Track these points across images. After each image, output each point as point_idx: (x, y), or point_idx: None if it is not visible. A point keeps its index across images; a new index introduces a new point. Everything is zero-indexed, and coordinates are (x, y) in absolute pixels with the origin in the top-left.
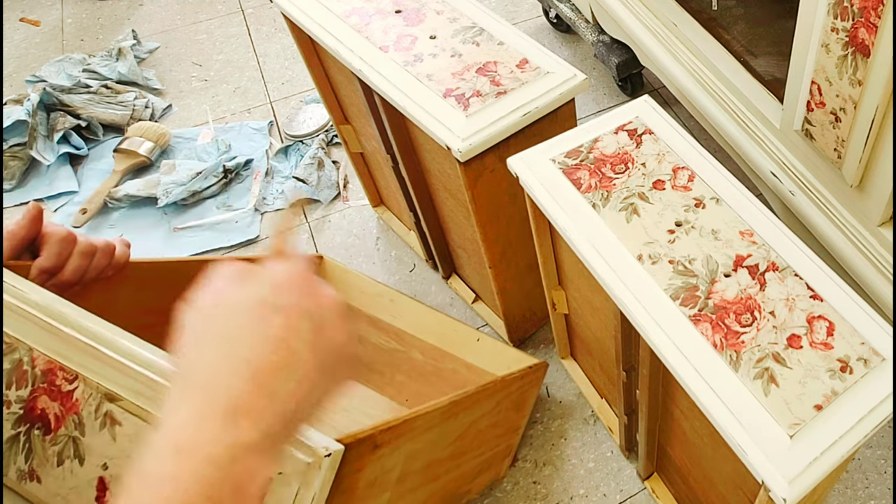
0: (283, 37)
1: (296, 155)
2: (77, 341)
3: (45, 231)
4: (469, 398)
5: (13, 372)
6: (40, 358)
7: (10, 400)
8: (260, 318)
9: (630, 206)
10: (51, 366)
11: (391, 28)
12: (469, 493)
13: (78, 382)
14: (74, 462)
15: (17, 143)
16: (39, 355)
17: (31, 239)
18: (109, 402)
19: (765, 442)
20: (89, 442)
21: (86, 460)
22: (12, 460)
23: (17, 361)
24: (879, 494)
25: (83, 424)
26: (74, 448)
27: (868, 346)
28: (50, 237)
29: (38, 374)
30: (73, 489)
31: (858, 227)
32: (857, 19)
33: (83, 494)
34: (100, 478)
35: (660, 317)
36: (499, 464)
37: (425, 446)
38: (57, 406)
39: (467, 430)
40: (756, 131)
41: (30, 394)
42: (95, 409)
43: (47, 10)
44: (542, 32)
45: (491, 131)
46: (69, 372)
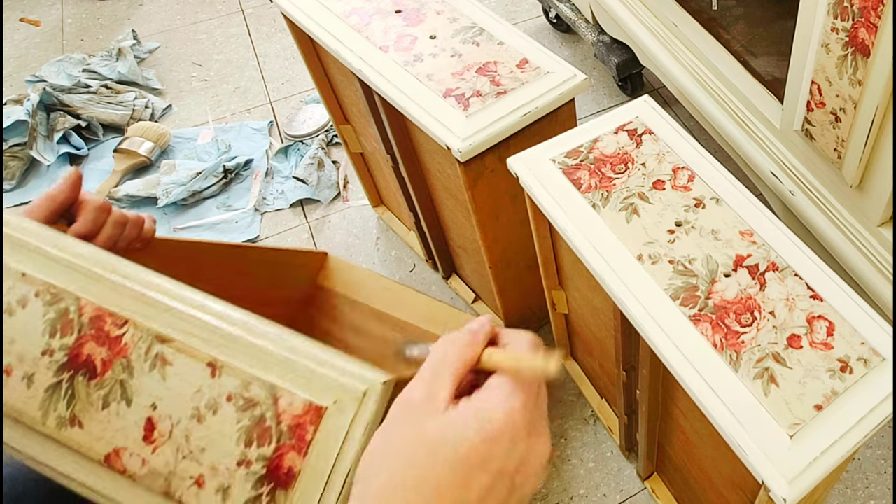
0: (283, 37)
1: (296, 155)
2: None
3: (82, 198)
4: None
5: (58, 321)
6: (88, 306)
7: (54, 349)
8: (463, 477)
9: (630, 206)
10: (99, 313)
11: (391, 28)
12: None
13: (127, 327)
14: (121, 404)
15: (17, 143)
16: (87, 304)
17: (70, 204)
18: (160, 343)
19: (765, 442)
20: (137, 383)
21: (133, 401)
22: (52, 408)
23: (62, 311)
24: (879, 494)
25: (131, 367)
26: (122, 391)
27: (868, 346)
28: (86, 204)
29: (85, 322)
30: (119, 430)
31: (858, 227)
32: (857, 19)
33: (129, 435)
34: (148, 418)
35: (660, 317)
36: None
37: None
38: (104, 351)
39: None
40: (756, 131)
41: (75, 341)
42: (145, 352)
43: (47, 10)
44: (542, 32)
45: (491, 131)
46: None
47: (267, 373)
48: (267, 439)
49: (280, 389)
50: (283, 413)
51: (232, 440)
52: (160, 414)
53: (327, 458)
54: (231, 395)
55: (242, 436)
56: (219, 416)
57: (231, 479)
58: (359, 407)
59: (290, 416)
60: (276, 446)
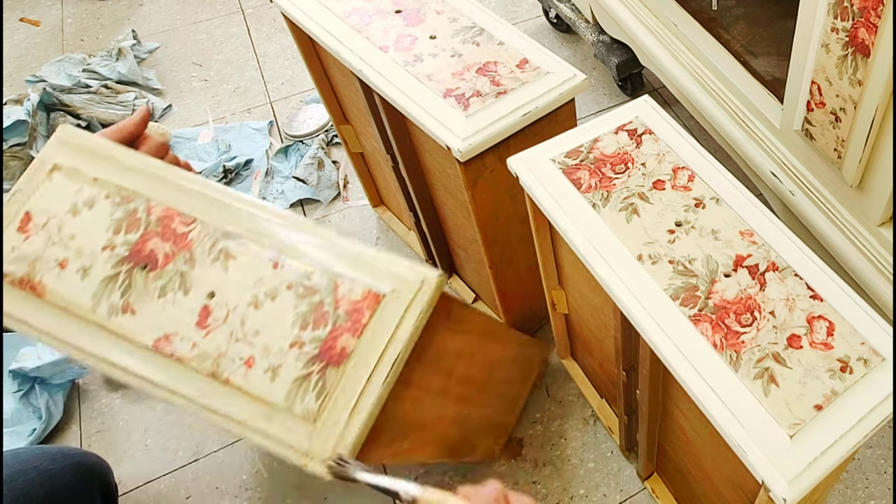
0: (283, 37)
1: (296, 155)
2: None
3: (147, 133)
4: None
5: (125, 220)
6: (157, 207)
7: (116, 244)
8: None
9: (630, 206)
10: (168, 213)
11: (391, 28)
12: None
13: (195, 225)
14: (178, 293)
15: (17, 143)
16: (157, 205)
17: (136, 136)
18: (226, 239)
19: (765, 442)
20: (198, 274)
21: (191, 291)
22: (105, 297)
23: (131, 210)
24: (879, 494)
25: (194, 260)
26: (181, 281)
27: (868, 346)
28: (149, 139)
29: (153, 221)
30: (172, 317)
31: (858, 227)
32: (857, 19)
33: (183, 321)
34: (204, 305)
35: (660, 317)
36: (495, 438)
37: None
38: (168, 245)
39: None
40: (756, 131)
41: (140, 237)
42: (210, 246)
43: (47, 10)
44: (542, 32)
45: (491, 131)
46: (187, 217)
47: (329, 264)
48: (323, 323)
49: (341, 278)
50: (341, 299)
51: (287, 324)
52: (217, 302)
53: (381, 339)
54: (291, 283)
55: (298, 320)
56: (277, 302)
57: (282, 359)
58: (415, 295)
59: (348, 302)
60: (331, 328)
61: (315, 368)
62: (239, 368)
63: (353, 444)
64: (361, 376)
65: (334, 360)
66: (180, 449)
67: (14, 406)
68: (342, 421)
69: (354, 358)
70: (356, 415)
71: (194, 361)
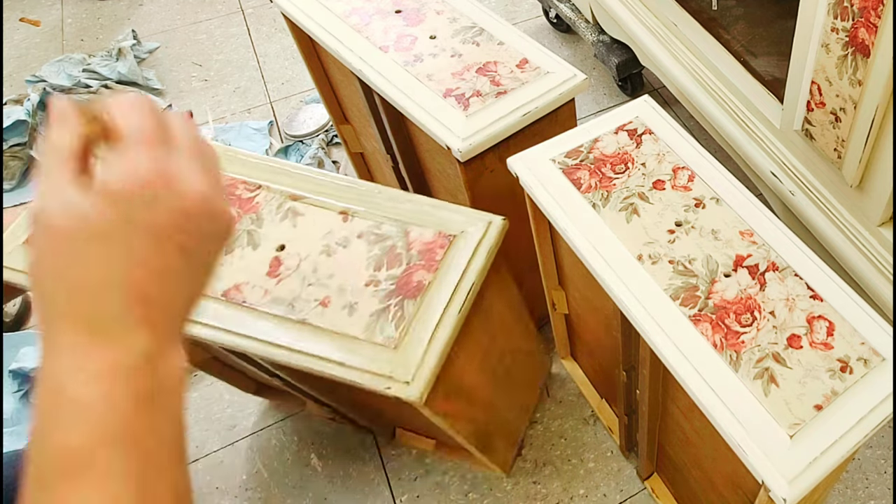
0: (283, 37)
1: (296, 155)
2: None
3: None
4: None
5: None
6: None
7: None
8: (122, 253)
9: (630, 206)
10: (232, 181)
11: (391, 28)
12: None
13: (259, 191)
14: (247, 249)
15: (17, 143)
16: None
17: None
18: (292, 200)
19: (765, 442)
20: (266, 231)
21: (260, 245)
22: None
23: None
24: (879, 494)
25: (261, 219)
26: (248, 238)
27: (868, 346)
28: None
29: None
30: (242, 269)
31: (858, 227)
32: (857, 19)
33: (253, 271)
34: (274, 257)
35: (660, 317)
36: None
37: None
38: (234, 210)
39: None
40: (756, 131)
41: None
42: (277, 207)
43: (47, 10)
44: (542, 32)
45: (491, 131)
46: (251, 184)
47: (398, 214)
48: (397, 263)
49: (411, 225)
50: (413, 242)
51: (361, 267)
52: (288, 253)
53: (456, 271)
54: (362, 233)
55: (372, 262)
56: (350, 249)
57: (358, 297)
58: (484, 233)
59: (420, 244)
60: (405, 267)
61: (392, 302)
62: (315, 309)
63: (433, 368)
64: (439, 305)
65: (411, 294)
66: None
67: (14, 406)
68: (423, 345)
69: (431, 290)
70: (435, 339)
71: (267, 306)
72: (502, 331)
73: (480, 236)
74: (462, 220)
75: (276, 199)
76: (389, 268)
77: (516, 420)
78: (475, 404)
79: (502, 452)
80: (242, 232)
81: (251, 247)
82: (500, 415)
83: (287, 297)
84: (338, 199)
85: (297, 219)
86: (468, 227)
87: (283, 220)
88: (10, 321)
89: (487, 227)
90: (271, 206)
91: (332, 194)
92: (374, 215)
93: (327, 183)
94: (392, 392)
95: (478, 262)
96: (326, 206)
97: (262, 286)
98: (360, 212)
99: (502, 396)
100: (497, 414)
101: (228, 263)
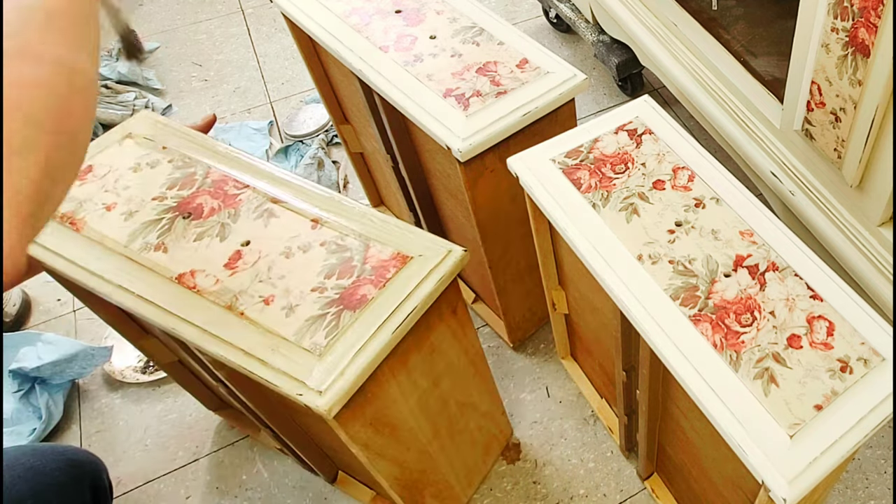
0: (283, 37)
1: (296, 155)
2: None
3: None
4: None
5: (182, 179)
6: (215, 172)
7: (167, 196)
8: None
9: (630, 206)
10: (224, 177)
11: (391, 28)
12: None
13: (246, 190)
14: (215, 240)
15: None
16: (215, 171)
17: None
18: (272, 203)
19: (765, 442)
20: (238, 226)
21: (227, 238)
22: (142, 236)
23: (190, 173)
24: (879, 494)
25: (238, 215)
26: (220, 230)
27: (868, 346)
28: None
29: (209, 182)
30: (203, 258)
31: (858, 227)
32: (857, 19)
33: (212, 261)
34: (236, 251)
35: (660, 317)
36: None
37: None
38: (216, 203)
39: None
40: (756, 131)
41: (191, 193)
42: (256, 207)
43: None
44: (542, 32)
45: (491, 131)
46: (240, 183)
47: (364, 230)
48: (348, 274)
49: (373, 241)
50: (370, 258)
51: (314, 272)
52: (250, 249)
53: (401, 293)
54: (325, 241)
55: (325, 270)
56: (308, 255)
57: (300, 300)
58: (440, 261)
59: (376, 260)
60: (355, 279)
61: (331, 311)
62: (256, 304)
63: (351, 383)
64: (376, 321)
65: (352, 305)
66: (180, 449)
67: (14, 406)
68: (347, 357)
69: (372, 305)
70: (361, 355)
71: (213, 295)
72: (450, 377)
73: (437, 262)
74: (423, 244)
75: (258, 199)
76: (340, 277)
77: (458, 485)
78: (405, 447)
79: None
80: (216, 224)
81: (219, 238)
82: (437, 470)
83: (235, 289)
84: (315, 207)
85: (270, 219)
86: (426, 252)
87: (258, 219)
88: (10, 321)
89: (446, 256)
90: (251, 204)
91: (310, 202)
92: (343, 227)
93: (310, 193)
94: (303, 400)
95: (427, 287)
96: (301, 213)
97: (216, 275)
98: (331, 221)
99: (441, 451)
100: (433, 467)
101: (193, 250)
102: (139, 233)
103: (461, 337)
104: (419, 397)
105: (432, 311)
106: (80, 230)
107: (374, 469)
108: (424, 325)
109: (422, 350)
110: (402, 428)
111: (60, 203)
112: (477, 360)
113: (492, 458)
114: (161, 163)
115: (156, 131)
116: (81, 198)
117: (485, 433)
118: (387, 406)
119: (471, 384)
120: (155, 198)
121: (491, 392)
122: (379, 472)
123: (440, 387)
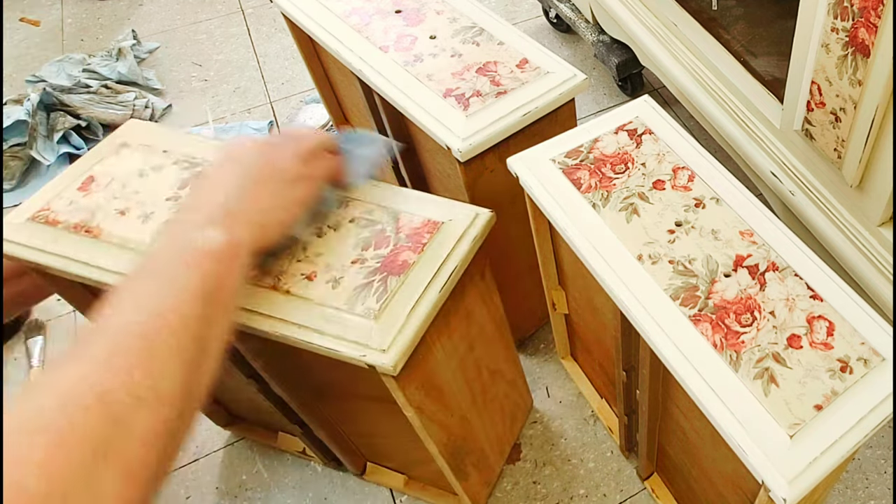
0: (283, 37)
1: None
2: None
3: None
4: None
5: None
6: None
7: (180, 195)
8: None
9: (630, 206)
10: None
11: (391, 28)
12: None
13: None
14: None
15: (17, 143)
16: None
17: None
18: None
19: (765, 442)
20: None
21: None
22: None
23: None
24: (879, 494)
25: None
26: None
27: (868, 346)
28: None
29: None
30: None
31: (858, 227)
32: (857, 19)
33: None
34: None
35: (660, 317)
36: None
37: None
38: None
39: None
40: (756, 131)
41: None
42: None
43: (47, 10)
44: (542, 32)
45: (491, 131)
46: None
47: (388, 202)
48: (385, 244)
49: (401, 213)
50: (402, 227)
51: (349, 247)
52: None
53: (440, 253)
54: (355, 217)
55: (360, 243)
56: (340, 232)
57: (343, 272)
58: (471, 223)
59: (409, 229)
60: (392, 248)
61: (376, 278)
62: (300, 281)
63: (410, 340)
64: (422, 281)
65: (395, 271)
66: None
67: None
68: (402, 316)
69: (415, 269)
70: (414, 315)
71: (255, 279)
72: (482, 342)
73: (467, 224)
74: (451, 210)
75: None
76: (377, 248)
77: (491, 454)
78: (450, 412)
79: (475, 485)
80: None
81: None
82: (475, 437)
83: (275, 271)
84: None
85: None
86: (456, 216)
87: None
88: (10, 321)
89: (474, 218)
90: None
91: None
92: (369, 202)
93: None
94: (367, 360)
95: (462, 247)
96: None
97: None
98: (353, 200)
99: (478, 417)
100: (472, 434)
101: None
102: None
103: (489, 301)
104: (459, 361)
105: (466, 274)
106: (98, 236)
107: (425, 434)
108: (460, 288)
109: (459, 313)
110: (447, 392)
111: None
112: (502, 327)
113: (517, 427)
114: (166, 165)
115: (151, 136)
116: (91, 207)
117: (510, 402)
118: (433, 369)
119: (498, 350)
120: (169, 198)
121: (514, 360)
122: (431, 436)
123: (475, 352)
